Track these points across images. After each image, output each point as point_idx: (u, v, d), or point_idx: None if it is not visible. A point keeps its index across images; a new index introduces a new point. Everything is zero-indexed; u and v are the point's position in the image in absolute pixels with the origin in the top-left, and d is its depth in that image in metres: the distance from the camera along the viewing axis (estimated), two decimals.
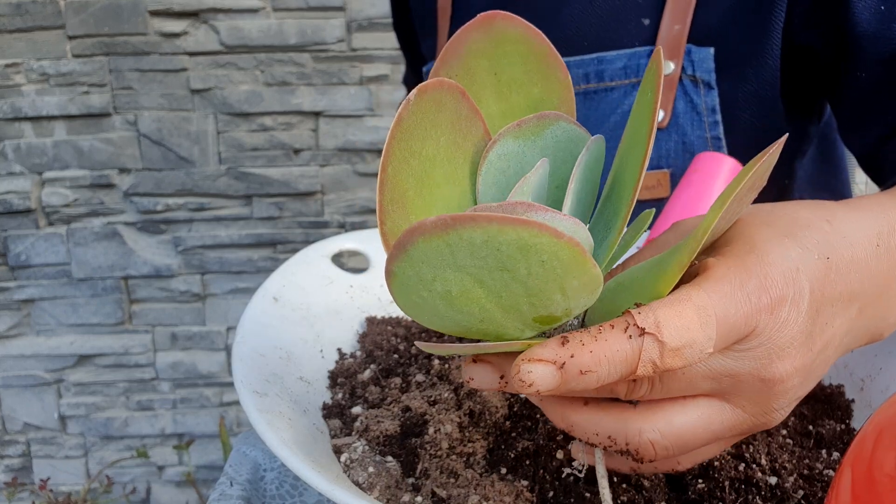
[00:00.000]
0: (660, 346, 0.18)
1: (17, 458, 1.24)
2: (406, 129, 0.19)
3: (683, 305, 0.18)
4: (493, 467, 0.26)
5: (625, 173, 0.20)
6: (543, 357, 0.18)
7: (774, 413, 0.21)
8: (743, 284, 0.19)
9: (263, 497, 0.39)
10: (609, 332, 0.18)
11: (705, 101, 0.43)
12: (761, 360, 0.20)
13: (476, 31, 0.22)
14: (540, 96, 0.22)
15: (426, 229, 0.15)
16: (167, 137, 1.12)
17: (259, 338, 0.30)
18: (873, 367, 0.30)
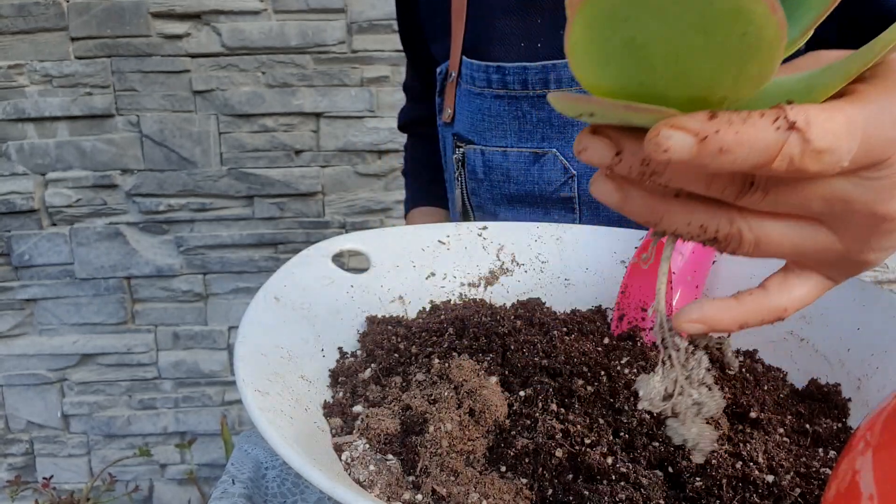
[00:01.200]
0: (803, 144, 0.17)
1: (20, 456, 1.25)
2: None
3: (835, 112, 0.18)
4: (492, 465, 0.26)
5: None
6: (688, 126, 0.17)
7: (871, 254, 0.21)
8: (890, 110, 0.19)
9: (265, 495, 0.40)
10: (758, 118, 0.18)
11: None
12: (881, 193, 0.20)
13: None
14: None
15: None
16: (169, 138, 1.12)
17: (261, 337, 0.30)
18: (870, 366, 0.31)
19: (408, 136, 0.74)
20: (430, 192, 0.68)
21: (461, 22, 0.52)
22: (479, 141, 0.52)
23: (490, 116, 0.50)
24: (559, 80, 0.47)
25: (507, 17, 0.50)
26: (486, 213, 0.55)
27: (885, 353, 0.30)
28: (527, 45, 0.49)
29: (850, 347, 0.32)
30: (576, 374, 0.31)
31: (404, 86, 0.71)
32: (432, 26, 0.57)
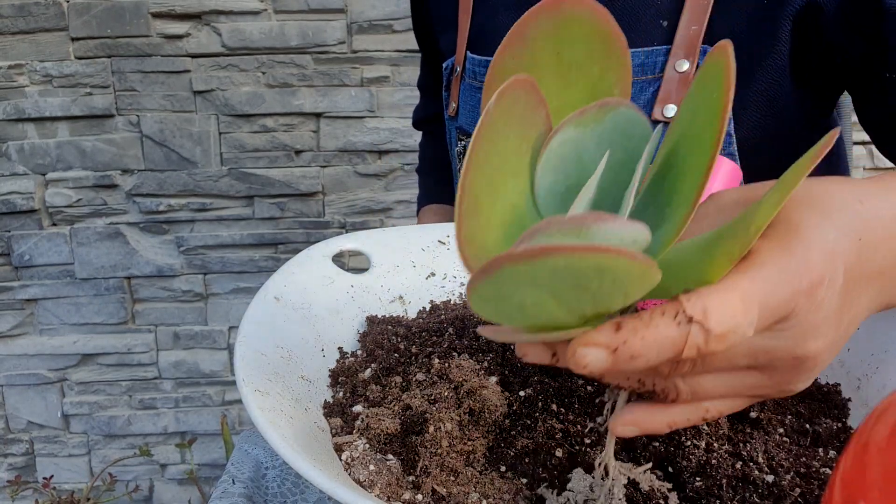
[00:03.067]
0: (705, 333, 0.19)
1: (20, 456, 1.25)
2: (485, 136, 0.20)
3: (730, 293, 0.19)
4: (492, 465, 0.26)
5: (685, 167, 0.20)
6: (598, 342, 0.19)
7: (797, 384, 0.22)
8: (785, 268, 0.20)
9: (265, 495, 0.40)
10: (660, 318, 0.19)
11: None
12: (796, 339, 0.21)
13: (542, 14, 0.22)
14: (599, 74, 0.23)
15: (514, 258, 0.16)
16: (169, 138, 1.12)
17: (261, 337, 0.30)
18: (870, 366, 0.31)
19: (422, 133, 0.74)
20: (441, 190, 0.69)
21: (467, 17, 0.53)
22: None
23: None
24: None
25: (508, 12, 0.50)
26: None
27: (885, 353, 0.30)
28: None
29: (850, 347, 0.32)
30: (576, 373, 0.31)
31: (418, 83, 0.71)
32: (441, 22, 0.57)
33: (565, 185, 0.23)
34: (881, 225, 0.22)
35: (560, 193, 0.23)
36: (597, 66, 0.23)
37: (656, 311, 0.19)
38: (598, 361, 0.19)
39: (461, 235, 0.20)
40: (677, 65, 0.44)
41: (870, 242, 0.22)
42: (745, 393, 0.23)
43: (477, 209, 0.20)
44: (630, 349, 0.19)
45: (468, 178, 0.20)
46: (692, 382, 0.22)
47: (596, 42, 0.23)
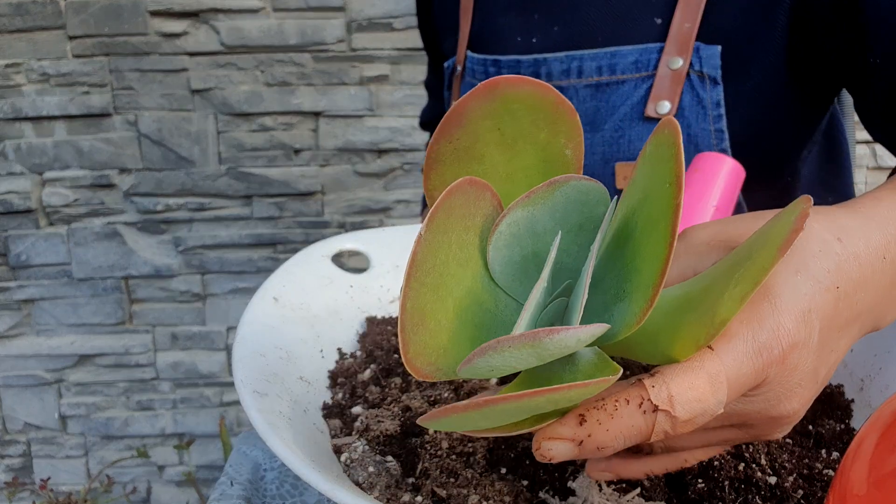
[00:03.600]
0: (672, 420, 0.18)
1: (17, 457, 1.24)
2: (420, 259, 0.20)
3: (696, 375, 0.19)
4: (493, 467, 0.26)
5: (643, 248, 0.20)
6: (563, 435, 0.19)
7: (775, 435, 0.22)
8: (755, 338, 0.19)
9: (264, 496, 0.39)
10: (624, 408, 0.19)
11: (711, 96, 0.44)
12: (770, 403, 0.20)
13: (480, 97, 0.22)
14: (547, 139, 0.23)
15: (458, 409, 0.17)
16: (167, 137, 1.12)
17: (259, 338, 0.30)
18: (873, 367, 0.30)
19: (429, 134, 0.75)
20: None
21: (468, 17, 0.53)
22: None
23: None
24: (549, 73, 0.48)
25: (507, 12, 0.51)
26: None
27: (888, 354, 0.30)
28: (523, 40, 0.50)
29: (853, 348, 0.31)
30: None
31: (425, 84, 0.72)
32: (444, 22, 0.58)
33: (521, 255, 0.22)
34: (858, 266, 0.22)
35: (516, 263, 0.23)
36: (543, 132, 0.23)
37: (620, 399, 0.19)
38: (564, 454, 0.19)
39: (408, 354, 0.20)
40: (670, 62, 0.44)
41: (847, 289, 0.21)
42: (722, 444, 0.23)
43: (423, 322, 0.20)
44: (595, 441, 0.19)
45: (408, 301, 0.20)
46: (667, 442, 0.22)
47: (540, 112, 0.22)
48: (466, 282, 0.22)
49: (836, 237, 0.22)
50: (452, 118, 0.22)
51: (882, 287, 0.23)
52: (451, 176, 0.23)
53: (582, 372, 0.20)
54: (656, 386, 0.18)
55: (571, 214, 0.22)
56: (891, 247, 0.23)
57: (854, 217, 0.23)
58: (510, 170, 0.23)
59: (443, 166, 0.23)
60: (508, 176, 0.23)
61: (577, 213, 0.22)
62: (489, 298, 0.22)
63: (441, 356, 0.20)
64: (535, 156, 0.23)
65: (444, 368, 0.20)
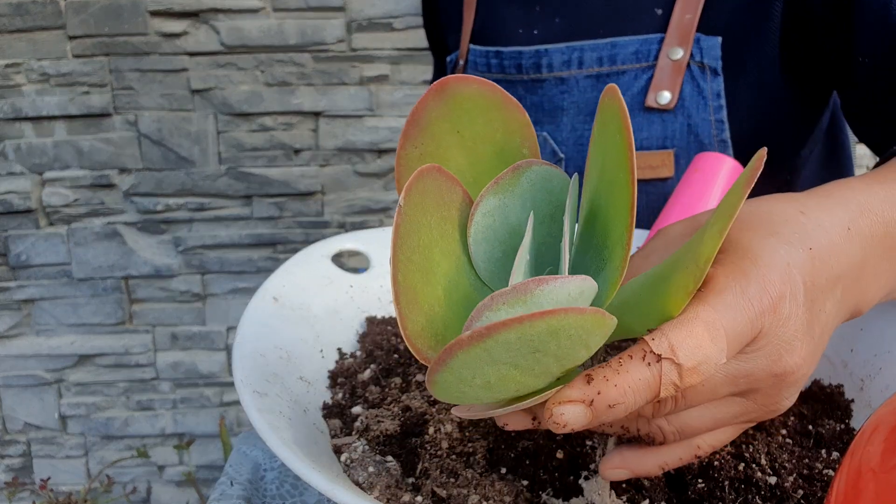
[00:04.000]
0: (678, 368, 0.19)
1: (17, 457, 1.24)
2: (403, 232, 0.21)
3: (693, 325, 0.19)
4: (493, 467, 0.26)
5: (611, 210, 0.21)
6: (573, 398, 0.19)
7: (783, 402, 0.23)
8: (744, 291, 0.20)
9: (264, 496, 0.39)
10: (628, 362, 0.19)
11: (711, 87, 0.44)
12: (772, 357, 0.21)
13: (433, 98, 0.23)
14: (503, 140, 0.24)
15: (463, 343, 0.17)
16: (167, 137, 1.12)
17: (259, 338, 0.30)
18: (873, 367, 0.30)
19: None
20: None
21: (471, 11, 0.54)
22: None
23: None
24: (550, 64, 0.48)
25: (510, 5, 0.52)
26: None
27: (888, 354, 0.30)
28: (524, 32, 0.51)
29: (853, 348, 0.31)
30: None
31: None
32: (448, 18, 0.59)
33: (501, 249, 0.23)
34: (824, 232, 0.23)
35: (497, 259, 0.23)
36: (498, 132, 0.24)
37: (624, 355, 0.19)
38: (577, 417, 0.19)
39: (408, 332, 0.20)
40: (671, 52, 0.44)
41: (819, 251, 0.22)
42: (733, 422, 0.23)
43: (416, 300, 0.20)
44: (606, 398, 0.19)
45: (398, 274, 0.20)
46: (677, 422, 0.22)
47: (492, 111, 0.23)
48: (452, 274, 0.22)
49: (799, 211, 0.23)
50: (414, 121, 0.23)
51: (854, 256, 0.23)
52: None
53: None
54: (656, 338, 0.19)
55: (541, 204, 0.23)
56: (854, 220, 0.24)
57: (813, 196, 0.25)
58: (475, 173, 0.24)
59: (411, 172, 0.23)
60: (475, 180, 0.24)
61: (546, 203, 0.23)
62: (476, 295, 0.23)
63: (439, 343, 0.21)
64: (496, 157, 0.24)
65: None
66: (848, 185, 0.26)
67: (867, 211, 0.24)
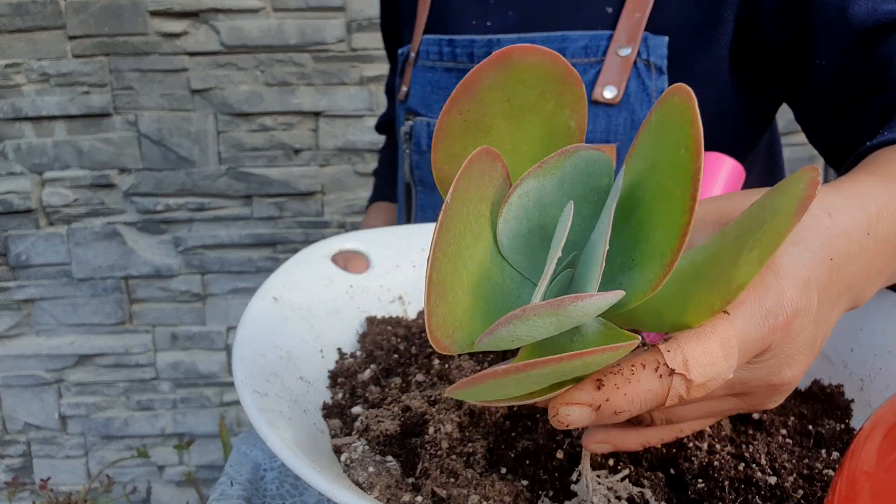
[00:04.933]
0: (687, 384, 0.19)
1: (17, 457, 1.24)
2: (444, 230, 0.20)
3: (710, 340, 0.19)
4: (493, 467, 0.26)
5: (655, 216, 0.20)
6: (581, 401, 0.19)
7: (771, 404, 0.23)
8: (761, 305, 0.20)
9: (264, 496, 0.39)
10: (641, 372, 0.19)
11: (656, 84, 0.46)
12: (772, 370, 0.21)
13: (490, 67, 0.22)
14: (553, 111, 0.23)
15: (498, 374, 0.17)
16: (167, 137, 1.12)
17: (259, 338, 0.30)
18: (873, 366, 0.30)
19: (385, 138, 0.76)
20: (390, 188, 0.70)
21: (426, 5, 0.55)
22: (426, 113, 0.53)
23: (439, 89, 0.52)
24: None
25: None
26: (426, 187, 0.56)
27: (888, 354, 0.30)
28: (478, 23, 0.51)
29: (853, 348, 0.31)
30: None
31: (385, 88, 0.73)
32: (403, 13, 0.59)
33: (527, 227, 0.23)
34: (847, 240, 0.23)
35: (523, 235, 0.23)
36: (550, 103, 0.23)
37: (637, 364, 0.19)
38: (582, 419, 0.19)
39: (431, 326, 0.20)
40: (619, 49, 0.45)
41: (839, 261, 0.22)
42: (721, 415, 0.23)
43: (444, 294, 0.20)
44: (613, 406, 0.19)
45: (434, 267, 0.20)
46: (667, 412, 0.22)
47: (549, 83, 0.22)
48: (478, 255, 0.22)
49: (826, 213, 0.23)
50: (464, 88, 0.22)
51: (866, 261, 0.23)
52: (459, 148, 0.23)
53: (591, 342, 0.20)
54: (672, 350, 0.19)
55: (577, 186, 0.23)
56: (873, 223, 0.24)
57: (839, 195, 0.24)
58: (515, 142, 0.23)
59: (451, 138, 0.23)
60: (514, 149, 0.23)
61: (583, 185, 0.23)
62: (497, 272, 0.22)
63: (458, 329, 0.20)
64: (541, 128, 0.23)
65: (459, 342, 0.20)
66: (866, 183, 0.26)
67: (885, 214, 0.24)
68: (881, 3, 0.37)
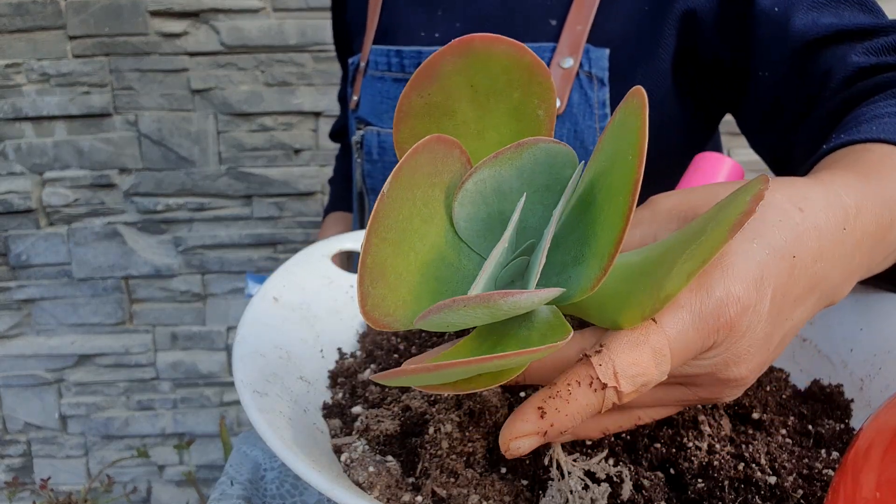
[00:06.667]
0: (618, 394, 0.20)
1: (17, 457, 1.24)
2: (381, 217, 0.20)
3: (640, 351, 0.19)
4: (493, 467, 0.26)
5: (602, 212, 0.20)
6: (527, 432, 0.20)
7: (726, 398, 0.23)
8: (703, 306, 0.20)
9: (264, 496, 0.40)
10: (577, 390, 0.20)
11: (597, 96, 0.47)
12: (717, 367, 0.21)
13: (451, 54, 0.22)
14: (521, 98, 0.23)
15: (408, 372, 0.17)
16: (167, 137, 1.12)
17: (259, 338, 0.30)
18: (872, 366, 0.30)
19: (340, 146, 0.77)
20: (345, 197, 0.71)
21: (376, 14, 0.56)
22: (377, 123, 0.54)
23: (388, 99, 0.53)
24: None
25: (413, 8, 0.53)
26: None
27: (887, 354, 0.30)
28: (426, 35, 0.52)
29: (852, 348, 0.31)
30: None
31: (338, 96, 0.74)
32: (354, 25, 0.60)
33: (486, 212, 0.23)
34: (818, 236, 0.22)
35: (482, 219, 0.23)
36: (517, 91, 0.23)
37: (572, 382, 0.20)
38: (531, 446, 0.20)
39: (366, 307, 0.20)
40: (562, 61, 0.46)
41: (805, 259, 0.21)
42: (675, 404, 0.23)
43: (385, 275, 0.20)
44: (558, 428, 0.20)
45: (368, 252, 0.20)
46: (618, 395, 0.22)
47: (515, 72, 0.22)
48: (430, 237, 0.22)
49: (797, 207, 0.22)
50: (424, 72, 0.22)
51: (840, 257, 0.23)
52: (422, 129, 0.23)
53: (537, 329, 0.21)
54: (603, 364, 0.19)
55: (538, 176, 0.22)
56: (850, 218, 0.23)
57: (815, 186, 0.23)
58: (481, 126, 0.23)
59: (413, 120, 0.23)
60: (479, 133, 0.23)
61: (545, 175, 0.22)
62: (453, 253, 0.22)
63: (400, 307, 0.20)
64: (508, 114, 0.23)
65: (402, 319, 0.20)
66: (843, 178, 0.25)
67: (864, 209, 0.24)
68: (821, 17, 0.38)
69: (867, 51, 0.37)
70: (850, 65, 0.37)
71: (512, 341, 0.20)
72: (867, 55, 0.37)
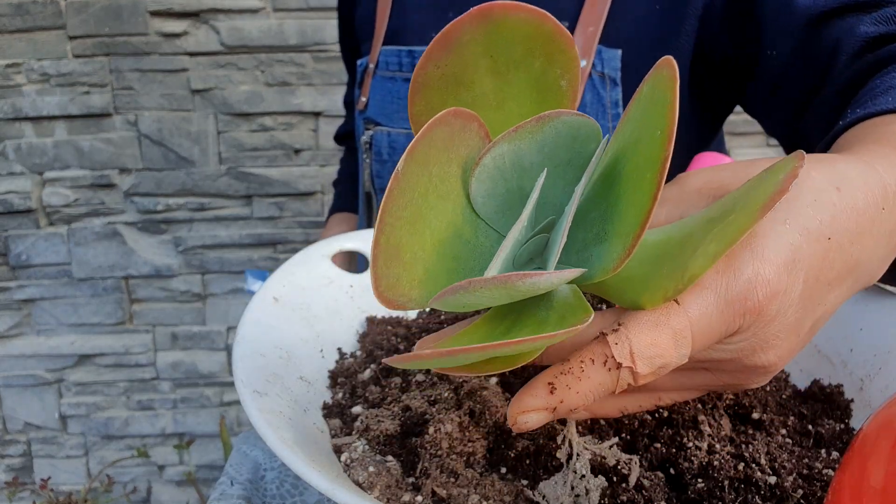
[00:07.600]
0: (633, 375, 0.19)
1: (17, 457, 1.24)
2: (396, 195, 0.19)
3: (659, 332, 0.18)
4: (493, 467, 0.26)
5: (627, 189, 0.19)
6: (536, 406, 0.19)
7: (752, 385, 0.22)
8: (728, 289, 0.19)
9: (264, 496, 0.40)
10: (590, 368, 0.19)
11: (610, 95, 0.47)
12: (744, 352, 0.20)
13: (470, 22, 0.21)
14: (542, 68, 0.22)
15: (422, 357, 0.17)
16: (167, 137, 1.12)
17: (259, 338, 0.30)
18: (873, 366, 0.30)
19: (345, 149, 0.77)
20: (350, 198, 0.71)
21: (385, 18, 0.56)
22: (386, 123, 0.54)
23: (398, 99, 0.53)
24: None
25: (423, 10, 0.53)
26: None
27: (888, 354, 0.30)
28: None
29: (852, 348, 0.31)
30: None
31: (344, 100, 0.74)
32: (362, 29, 0.60)
33: (505, 188, 0.22)
34: (856, 216, 0.20)
35: (501, 195, 0.22)
36: (538, 61, 0.21)
37: (586, 360, 0.19)
38: (540, 422, 0.19)
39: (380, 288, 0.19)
40: None
41: (842, 241, 0.20)
42: (699, 389, 0.23)
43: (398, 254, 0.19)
44: (568, 405, 0.19)
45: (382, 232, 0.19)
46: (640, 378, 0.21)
47: (536, 41, 0.21)
48: (447, 214, 0.21)
49: (834, 186, 0.21)
50: (440, 42, 0.21)
51: (878, 238, 0.21)
52: (437, 101, 0.22)
53: (556, 310, 0.20)
54: (619, 343, 0.19)
55: (560, 150, 0.21)
56: (889, 196, 0.22)
57: (855, 164, 0.22)
58: (501, 98, 0.22)
59: (429, 91, 0.22)
60: (498, 105, 0.22)
61: (566, 150, 0.21)
62: (470, 230, 0.21)
63: (415, 287, 0.20)
64: (529, 85, 0.22)
65: (417, 299, 0.20)
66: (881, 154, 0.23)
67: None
68: None
69: (875, 21, 0.36)
70: (858, 35, 0.36)
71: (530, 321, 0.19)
72: (876, 24, 0.36)
